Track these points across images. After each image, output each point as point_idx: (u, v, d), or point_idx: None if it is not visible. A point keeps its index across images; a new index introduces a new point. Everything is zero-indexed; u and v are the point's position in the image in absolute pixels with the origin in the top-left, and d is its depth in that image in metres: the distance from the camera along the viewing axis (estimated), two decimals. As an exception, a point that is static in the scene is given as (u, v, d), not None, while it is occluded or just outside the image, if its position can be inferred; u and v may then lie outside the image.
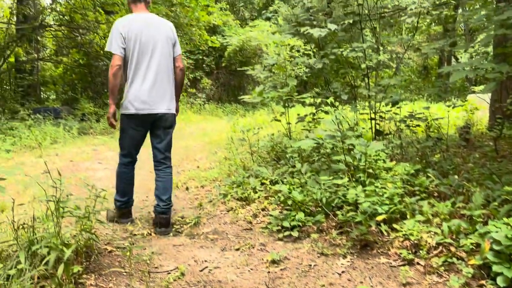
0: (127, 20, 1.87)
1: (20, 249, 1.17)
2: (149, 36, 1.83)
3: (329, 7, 5.49)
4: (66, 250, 1.16)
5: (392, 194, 1.65)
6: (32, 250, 1.18)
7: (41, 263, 1.13)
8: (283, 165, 2.56)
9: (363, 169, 1.95)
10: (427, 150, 2.58)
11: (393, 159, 2.43)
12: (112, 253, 1.54)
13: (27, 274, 1.07)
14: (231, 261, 1.53)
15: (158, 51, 1.86)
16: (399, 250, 1.45)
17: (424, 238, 1.40)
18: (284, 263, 1.48)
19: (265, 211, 2.10)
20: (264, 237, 1.80)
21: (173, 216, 2.10)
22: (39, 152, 4.30)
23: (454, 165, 2.28)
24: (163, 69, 1.89)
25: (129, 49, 1.81)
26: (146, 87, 1.83)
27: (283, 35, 3.75)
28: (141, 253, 1.55)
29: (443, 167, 2.23)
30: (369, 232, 1.56)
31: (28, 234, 1.28)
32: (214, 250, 1.67)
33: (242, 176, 2.55)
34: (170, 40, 1.93)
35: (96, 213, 1.51)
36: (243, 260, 1.52)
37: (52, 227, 1.28)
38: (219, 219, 2.11)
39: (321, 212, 1.84)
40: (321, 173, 2.09)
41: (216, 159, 3.79)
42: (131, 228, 1.81)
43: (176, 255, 1.61)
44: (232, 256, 1.59)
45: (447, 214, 1.52)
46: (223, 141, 4.46)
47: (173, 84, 2.00)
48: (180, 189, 2.85)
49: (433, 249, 1.38)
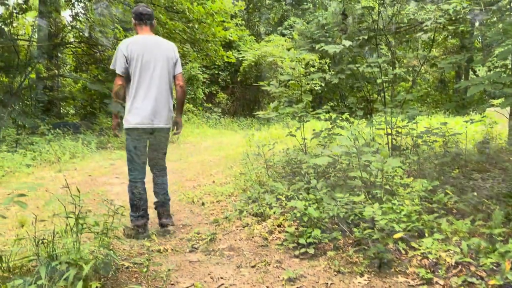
0: (131, 41, 2.07)
1: (41, 265, 1.21)
2: (151, 57, 2.03)
3: (344, 23, 5.60)
4: (85, 266, 1.17)
5: (409, 211, 1.65)
6: (52, 265, 1.20)
7: (60, 279, 1.15)
8: (299, 180, 2.60)
9: (379, 186, 1.96)
10: (445, 166, 2.54)
11: (410, 175, 2.41)
12: (129, 269, 1.57)
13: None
14: (247, 279, 1.55)
15: (158, 70, 2.05)
16: (417, 269, 1.44)
17: (443, 256, 1.39)
18: (300, 281, 1.49)
19: (281, 228, 2.12)
20: (280, 254, 1.82)
21: (189, 232, 2.19)
22: (58, 167, 4.51)
23: (473, 181, 2.24)
24: (163, 87, 2.09)
25: (132, 68, 2.01)
26: (147, 103, 2.02)
27: (298, 51, 3.87)
28: (158, 269, 1.59)
29: (461, 183, 2.20)
30: (386, 250, 1.56)
31: (48, 249, 1.33)
32: (230, 267, 1.69)
33: (258, 192, 2.59)
34: (171, 60, 2.12)
35: (114, 229, 1.56)
36: (259, 278, 1.54)
37: (71, 242, 1.32)
38: (235, 235, 2.14)
39: (337, 229, 1.85)
40: (337, 190, 2.11)
41: (231, 174, 3.86)
42: (148, 244, 1.84)
43: (192, 271, 1.64)
44: (248, 273, 1.61)
45: (466, 232, 1.51)
46: (239, 155, 4.55)
47: (171, 101, 2.19)
48: (196, 204, 2.92)
49: (452, 268, 1.37)
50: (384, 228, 1.54)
